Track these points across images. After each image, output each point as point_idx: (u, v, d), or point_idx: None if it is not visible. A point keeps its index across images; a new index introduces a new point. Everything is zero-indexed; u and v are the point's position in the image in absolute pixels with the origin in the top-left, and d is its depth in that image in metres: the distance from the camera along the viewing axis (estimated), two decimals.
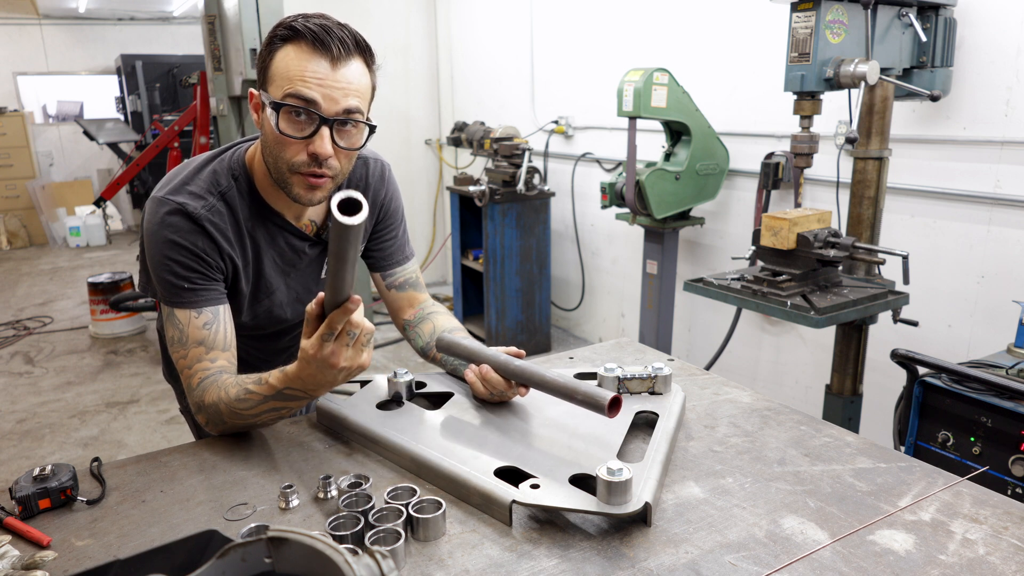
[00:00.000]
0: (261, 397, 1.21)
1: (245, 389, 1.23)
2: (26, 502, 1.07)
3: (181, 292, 1.29)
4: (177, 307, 1.29)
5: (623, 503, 1.00)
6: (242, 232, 1.35)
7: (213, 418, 1.27)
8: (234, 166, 1.35)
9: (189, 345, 1.29)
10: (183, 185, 1.31)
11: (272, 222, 1.38)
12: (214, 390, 1.25)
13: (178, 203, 1.28)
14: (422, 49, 6.25)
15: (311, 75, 1.19)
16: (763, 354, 3.68)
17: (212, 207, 1.30)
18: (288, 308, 1.48)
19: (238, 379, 1.26)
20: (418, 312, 1.62)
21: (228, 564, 0.68)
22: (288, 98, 1.20)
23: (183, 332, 1.29)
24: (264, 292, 1.42)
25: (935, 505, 1.08)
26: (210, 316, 1.30)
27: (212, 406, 1.25)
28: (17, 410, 4.18)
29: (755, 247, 2.57)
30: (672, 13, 3.91)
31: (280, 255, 1.42)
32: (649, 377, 1.40)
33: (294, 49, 1.20)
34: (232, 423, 1.26)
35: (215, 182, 1.32)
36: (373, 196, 1.52)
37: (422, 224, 6.64)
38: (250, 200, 1.35)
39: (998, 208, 2.63)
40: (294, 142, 1.23)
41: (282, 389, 1.18)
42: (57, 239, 9.41)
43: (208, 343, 1.29)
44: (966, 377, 1.88)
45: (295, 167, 1.25)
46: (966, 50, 2.62)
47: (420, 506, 1.04)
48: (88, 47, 9.80)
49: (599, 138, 4.67)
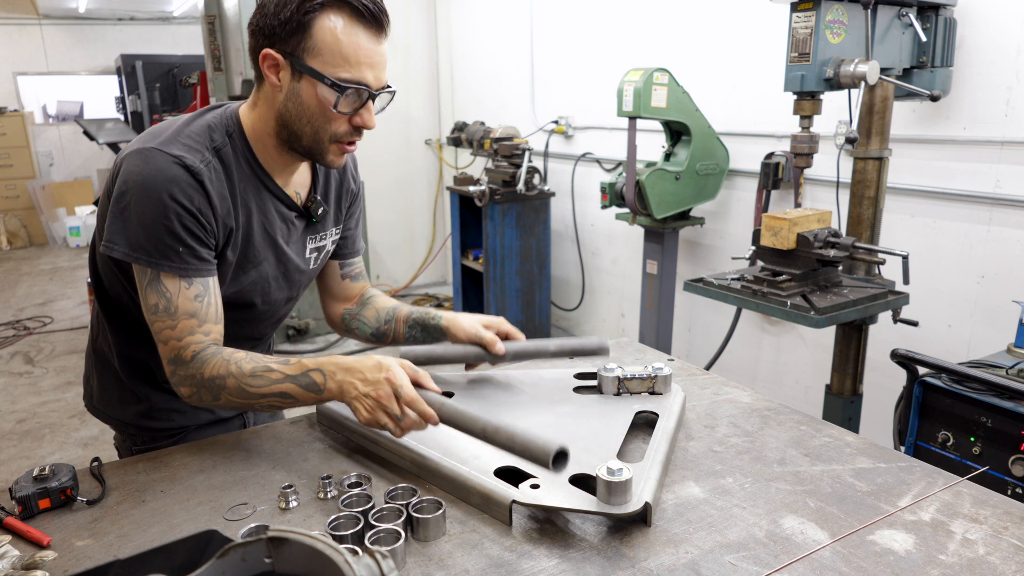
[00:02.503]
0: (282, 376, 1.17)
1: (264, 366, 1.19)
2: (26, 502, 1.07)
3: (174, 256, 1.19)
4: (166, 272, 1.19)
5: (623, 503, 1.00)
6: (236, 193, 1.27)
7: (208, 391, 1.20)
8: (228, 123, 1.28)
9: (179, 316, 1.20)
10: (175, 137, 1.21)
11: (265, 186, 1.32)
12: (219, 363, 1.19)
13: (175, 155, 1.18)
14: (422, 49, 6.25)
15: (367, 55, 1.19)
16: (763, 354, 3.68)
17: (209, 163, 1.22)
18: (272, 283, 1.40)
19: (253, 356, 1.21)
20: (359, 300, 1.62)
21: (228, 564, 0.68)
22: (348, 81, 1.18)
23: (171, 302, 1.20)
24: (251, 261, 1.34)
25: (935, 505, 1.08)
26: (200, 288, 1.22)
27: (214, 380, 1.19)
28: (17, 410, 4.18)
29: (755, 247, 2.57)
30: (672, 13, 3.91)
31: (269, 223, 1.34)
32: (649, 377, 1.40)
33: (344, 21, 1.16)
34: (227, 400, 1.20)
35: (210, 137, 1.24)
36: (350, 182, 1.53)
37: (422, 224, 6.63)
38: (245, 160, 1.28)
39: (998, 208, 2.63)
40: (342, 116, 1.22)
41: (311, 369, 1.16)
42: (57, 239, 9.41)
43: (200, 316, 1.22)
44: (966, 377, 1.88)
45: (338, 137, 1.25)
46: (966, 50, 2.62)
47: (420, 506, 1.04)
48: (88, 47, 9.80)
49: (599, 138, 4.67)
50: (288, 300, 1.48)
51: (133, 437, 1.47)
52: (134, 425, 1.45)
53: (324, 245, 1.49)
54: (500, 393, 1.42)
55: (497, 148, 4.63)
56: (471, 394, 1.42)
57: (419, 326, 1.53)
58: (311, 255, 1.46)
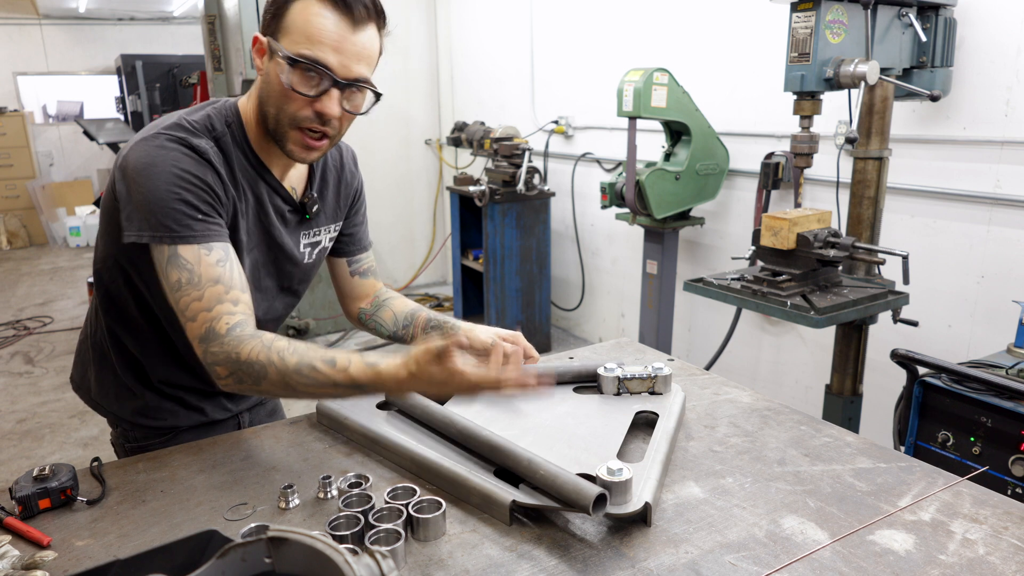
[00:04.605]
0: (330, 382, 1.09)
1: (311, 365, 1.10)
2: (26, 502, 1.07)
3: (190, 224, 1.16)
4: (183, 243, 1.15)
5: (623, 503, 1.01)
6: (236, 180, 1.27)
7: (249, 376, 1.12)
8: (227, 114, 1.29)
9: (204, 285, 1.14)
10: (177, 124, 1.22)
11: (262, 177, 1.32)
12: (259, 348, 1.12)
13: (179, 136, 1.19)
14: (422, 49, 6.25)
15: (329, 36, 1.17)
16: (763, 354, 3.68)
17: (212, 147, 1.23)
18: (261, 269, 1.39)
19: (297, 347, 1.12)
20: (374, 300, 1.62)
21: (228, 564, 0.68)
22: (304, 56, 1.17)
23: (193, 272, 1.15)
24: (245, 248, 1.32)
25: (935, 505, 1.08)
26: (221, 254, 1.19)
27: (252, 364, 1.11)
28: (17, 410, 4.18)
29: (755, 247, 2.57)
30: (672, 13, 3.91)
31: (264, 212, 1.34)
32: (649, 377, 1.40)
33: (318, 4, 1.17)
34: (268, 389, 1.12)
35: (210, 125, 1.26)
36: (349, 178, 1.53)
37: (422, 224, 6.63)
38: (242, 151, 1.29)
39: (998, 208, 2.63)
40: (301, 98, 1.21)
41: (364, 385, 1.09)
42: (57, 239, 9.41)
43: (225, 281, 1.17)
44: (966, 377, 1.88)
45: (297, 121, 1.23)
46: (966, 50, 2.62)
47: (420, 506, 1.04)
48: (88, 47, 9.80)
49: (599, 138, 4.67)
50: (281, 290, 1.47)
51: (126, 434, 1.47)
52: (128, 421, 1.46)
53: (319, 241, 1.49)
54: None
55: (497, 148, 4.63)
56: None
57: (437, 333, 1.53)
58: (305, 249, 1.46)
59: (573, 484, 0.99)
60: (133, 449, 1.46)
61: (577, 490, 0.98)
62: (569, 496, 0.99)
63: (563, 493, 1.00)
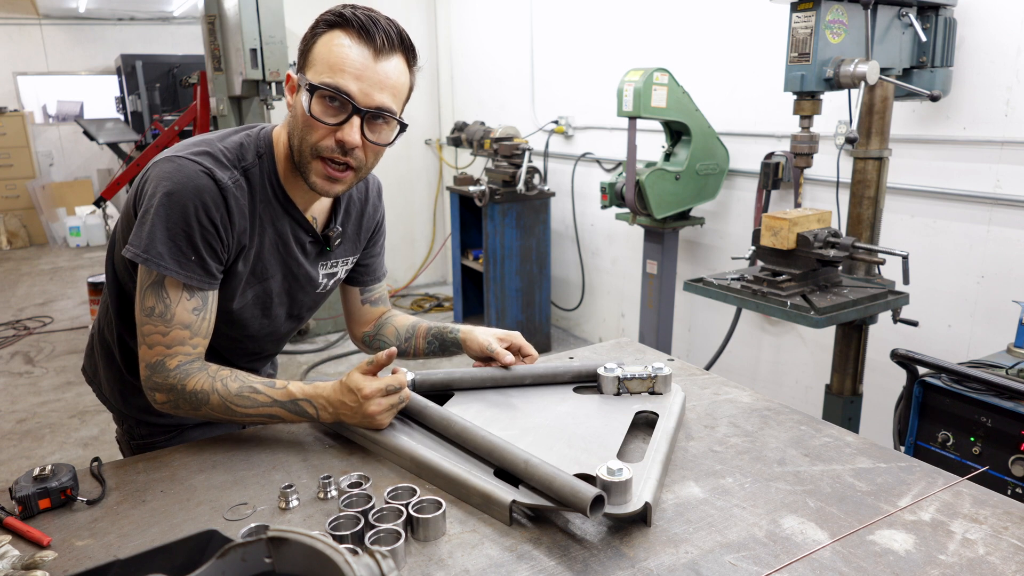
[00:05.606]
0: (269, 400, 1.22)
1: (250, 387, 1.23)
2: (26, 502, 1.07)
3: (185, 265, 1.21)
4: (172, 279, 1.22)
5: (623, 503, 1.00)
6: (256, 211, 1.30)
7: (188, 403, 1.23)
8: (260, 144, 1.31)
9: (173, 324, 1.23)
10: (207, 150, 1.25)
11: (285, 210, 1.35)
12: (203, 379, 1.23)
13: (205, 167, 1.22)
14: (422, 49, 6.24)
15: (351, 64, 1.18)
16: (763, 354, 3.68)
17: (236, 180, 1.26)
18: (277, 299, 1.42)
19: (238, 375, 1.25)
20: (376, 322, 1.67)
21: (228, 564, 0.68)
22: (325, 84, 1.18)
23: (168, 309, 1.23)
24: (260, 276, 1.36)
25: (935, 505, 1.08)
26: (200, 303, 1.25)
27: (196, 394, 1.23)
28: (17, 410, 4.18)
29: (755, 247, 2.57)
30: (672, 13, 3.91)
31: (283, 241, 1.37)
32: (649, 377, 1.40)
33: (338, 36, 1.19)
34: (207, 413, 1.24)
35: (241, 155, 1.28)
36: (372, 211, 1.54)
37: (422, 224, 6.63)
38: (270, 181, 1.31)
39: (998, 208, 2.63)
40: (323, 126, 1.22)
41: (299, 399, 1.22)
42: (57, 239, 9.41)
43: (194, 329, 1.25)
44: (966, 377, 1.88)
45: (319, 151, 1.23)
46: (966, 50, 2.62)
47: (420, 506, 1.04)
48: (88, 47, 9.80)
49: (599, 138, 4.67)
50: (289, 317, 1.49)
51: (132, 431, 1.50)
52: (133, 418, 1.49)
53: (336, 272, 1.52)
54: (501, 393, 1.42)
55: (497, 148, 4.63)
56: (473, 394, 1.42)
57: (437, 340, 1.59)
58: (322, 280, 1.48)
59: (570, 486, 0.99)
60: (139, 446, 1.48)
61: (574, 492, 0.98)
62: (566, 498, 0.99)
63: (560, 495, 1.00)
